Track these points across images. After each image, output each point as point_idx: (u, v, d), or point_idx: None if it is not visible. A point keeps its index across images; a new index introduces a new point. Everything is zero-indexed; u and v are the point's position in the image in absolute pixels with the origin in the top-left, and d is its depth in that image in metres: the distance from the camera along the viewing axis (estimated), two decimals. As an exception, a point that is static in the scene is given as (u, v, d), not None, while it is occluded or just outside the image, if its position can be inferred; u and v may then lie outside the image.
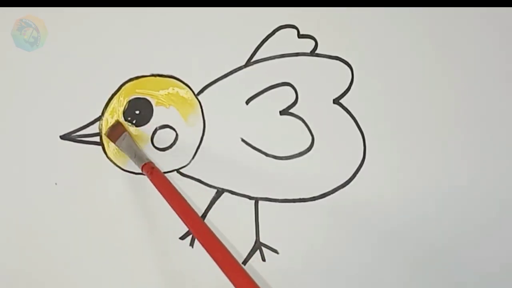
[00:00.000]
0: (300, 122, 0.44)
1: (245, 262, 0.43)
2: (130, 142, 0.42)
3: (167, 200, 0.38)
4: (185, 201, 0.38)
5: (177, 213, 0.37)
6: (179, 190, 0.43)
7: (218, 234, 0.43)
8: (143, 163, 0.40)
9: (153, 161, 0.43)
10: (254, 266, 0.43)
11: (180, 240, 0.43)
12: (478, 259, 0.44)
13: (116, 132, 0.42)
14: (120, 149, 0.42)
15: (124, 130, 0.42)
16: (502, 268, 0.44)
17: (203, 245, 0.35)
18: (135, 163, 0.41)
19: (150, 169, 0.40)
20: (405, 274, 0.44)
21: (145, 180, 0.43)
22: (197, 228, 0.36)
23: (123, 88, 0.43)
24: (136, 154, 0.41)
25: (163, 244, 0.43)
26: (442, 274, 0.44)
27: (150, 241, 0.43)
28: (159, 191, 0.39)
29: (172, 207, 0.37)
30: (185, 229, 0.43)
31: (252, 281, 0.33)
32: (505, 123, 0.44)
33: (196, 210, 0.43)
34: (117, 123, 0.43)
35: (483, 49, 0.44)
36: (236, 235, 0.43)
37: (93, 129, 0.43)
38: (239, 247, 0.44)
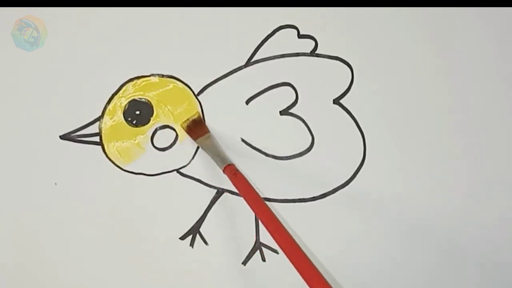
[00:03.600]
0: (300, 122, 0.44)
1: (245, 262, 0.44)
2: (214, 142, 0.42)
3: (248, 204, 0.37)
4: (267, 206, 0.37)
5: (258, 217, 0.36)
6: (179, 190, 0.43)
7: (219, 234, 0.44)
8: (226, 165, 0.40)
9: (153, 161, 0.43)
10: (254, 266, 0.43)
11: (180, 240, 0.43)
12: (477, 259, 0.44)
13: (198, 129, 0.42)
14: (201, 147, 0.42)
15: (208, 130, 0.42)
16: (503, 266, 0.44)
17: (284, 252, 0.34)
18: (216, 162, 0.41)
19: (234, 171, 0.40)
20: (405, 273, 0.44)
21: (145, 180, 0.43)
22: (280, 235, 0.34)
23: (123, 88, 0.43)
24: (219, 155, 0.41)
25: (163, 244, 0.43)
26: (441, 273, 0.44)
27: (150, 241, 0.43)
28: (241, 194, 0.39)
29: (253, 211, 0.36)
30: (185, 229, 0.43)
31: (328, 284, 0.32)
32: (505, 123, 0.44)
33: (196, 210, 0.43)
34: (199, 119, 0.43)
35: (483, 49, 0.44)
36: (236, 235, 0.44)
37: (93, 129, 0.43)
38: (239, 247, 0.44)
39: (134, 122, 0.43)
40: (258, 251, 0.44)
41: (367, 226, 0.44)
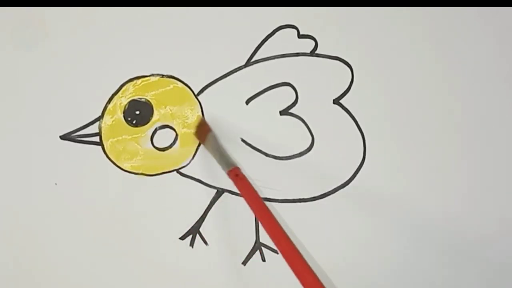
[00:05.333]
0: (300, 122, 0.44)
1: (245, 262, 0.43)
2: (216, 143, 0.41)
3: (251, 207, 0.37)
4: (269, 210, 0.36)
5: (260, 221, 0.36)
6: (179, 190, 0.43)
7: (218, 234, 0.44)
8: (229, 169, 0.39)
9: (153, 161, 0.43)
10: (254, 266, 0.43)
11: (180, 240, 0.43)
12: (478, 259, 0.44)
13: (201, 131, 0.41)
14: (207, 150, 0.41)
15: (209, 129, 0.41)
16: (504, 267, 0.44)
17: (284, 258, 0.34)
18: (221, 166, 0.40)
19: (234, 177, 0.38)
20: (405, 273, 0.44)
21: (145, 180, 0.43)
22: (280, 240, 0.34)
23: (123, 88, 0.43)
24: (222, 158, 0.40)
25: (163, 244, 0.43)
26: (441, 273, 0.44)
27: (150, 241, 0.43)
28: (244, 197, 0.38)
29: (256, 215, 0.36)
30: (185, 229, 0.43)
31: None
32: (505, 123, 0.44)
33: (196, 210, 0.43)
34: (202, 121, 0.42)
35: (483, 49, 0.44)
36: (236, 235, 0.44)
37: (93, 129, 0.43)
38: (239, 247, 0.44)
39: (134, 122, 0.43)
40: (258, 251, 0.44)
41: (367, 226, 0.44)
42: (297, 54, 0.44)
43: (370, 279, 0.44)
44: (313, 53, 0.44)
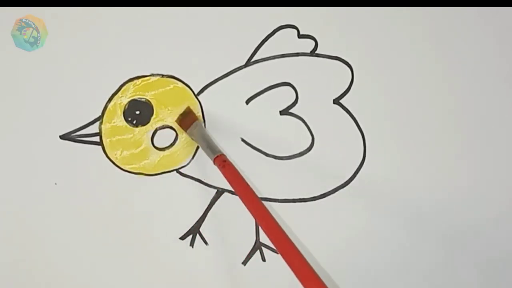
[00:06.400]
0: (300, 122, 0.44)
1: (245, 262, 0.44)
2: (202, 131, 0.41)
3: (238, 195, 0.37)
4: (257, 196, 0.36)
5: (248, 208, 0.35)
6: (179, 190, 0.43)
7: (219, 234, 0.44)
8: (215, 155, 0.39)
9: (153, 161, 0.43)
10: (254, 266, 0.43)
11: (180, 240, 0.43)
12: (478, 258, 0.44)
13: (187, 119, 0.42)
14: (192, 138, 0.42)
15: (196, 118, 0.42)
16: (503, 264, 0.44)
17: (273, 243, 0.33)
18: (206, 154, 0.40)
19: (222, 162, 0.39)
20: (404, 273, 0.44)
21: (145, 180, 0.43)
22: (268, 225, 0.34)
23: (123, 88, 0.43)
24: (208, 145, 0.40)
25: (163, 244, 0.43)
26: (440, 271, 0.44)
27: (150, 241, 0.43)
28: (230, 184, 0.38)
29: (243, 201, 0.36)
30: (185, 229, 0.43)
31: (319, 279, 0.32)
32: (505, 122, 0.44)
33: (196, 210, 0.43)
34: (189, 110, 0.42)
35: (483, 49, 0.44)
36: (236, 235, 0.44)
37: (93, 129, 0.43)
38: (239, 247, 0.44)
39: (134, 122, 0.43)
40: (258, 251, 0.44)
41: (367, 226, 0.44)
42: (297, 54, 0.44)
43: (371, 279, 0.44)
44: (313, 53, 0.44)
